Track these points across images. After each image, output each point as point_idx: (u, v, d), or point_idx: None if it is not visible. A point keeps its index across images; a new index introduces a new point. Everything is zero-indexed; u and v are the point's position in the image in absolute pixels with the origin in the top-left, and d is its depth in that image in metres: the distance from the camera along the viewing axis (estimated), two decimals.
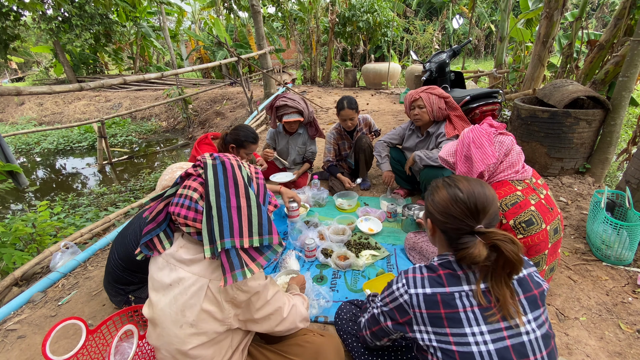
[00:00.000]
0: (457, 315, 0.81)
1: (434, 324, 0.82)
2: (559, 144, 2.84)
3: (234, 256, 0.87)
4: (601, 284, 1.78)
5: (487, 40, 18.85)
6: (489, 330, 0.79)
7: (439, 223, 0.91)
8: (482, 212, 0.85)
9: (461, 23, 5.26)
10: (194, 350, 0.91)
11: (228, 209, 0.88)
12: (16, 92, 2.47)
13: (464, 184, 0.89)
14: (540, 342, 0.80)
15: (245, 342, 1.10)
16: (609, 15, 12.37)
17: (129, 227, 1.51)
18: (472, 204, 0.85)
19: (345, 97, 2.73)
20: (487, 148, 1.40)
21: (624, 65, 2.66)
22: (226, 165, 0.92)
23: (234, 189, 0.90)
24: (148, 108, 8.59)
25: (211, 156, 0.96)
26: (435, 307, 0.82)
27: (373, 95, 8.21)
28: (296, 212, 2.32)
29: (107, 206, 4.21)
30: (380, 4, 9.59)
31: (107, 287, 1.59)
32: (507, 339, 0.79)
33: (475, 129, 1.47)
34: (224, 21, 12.24)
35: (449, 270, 0.86)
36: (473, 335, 0.79)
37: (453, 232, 0.87)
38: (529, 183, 1.41)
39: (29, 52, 15.70)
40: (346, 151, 3.06)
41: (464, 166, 1.47)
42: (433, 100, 2.36)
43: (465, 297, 0.82)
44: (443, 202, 0.89)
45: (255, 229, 0.90)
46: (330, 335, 1.20)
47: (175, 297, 0.90)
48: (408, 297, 0.86)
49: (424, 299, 0.84)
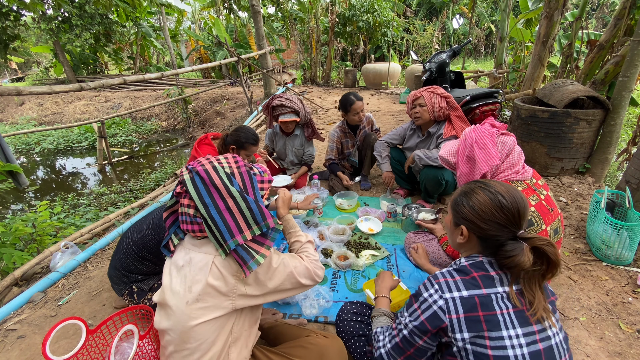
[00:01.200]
0: (496, 317, 0.79)
1: (471, 329, 0.79)
2: (559, 144, 2.84)
3: (242, 251, 0.97)
4: (601, 284, 1.78)
5: (487, 40, 18.85)
6: (524, 333, 0.78)
7: (478, 230, 0.87)
8: (523, 217, 0.84)
9: (461, 23, 5.27)
10: (198, 328, 0.95)
11: (219, 214, 0.96)
12: (16, 92, 2.47)
13: (503, 190, 0.87)
14: (564, 344, 0.81)
15: (253, 340, 1.10)
16: (609, 15, 12.37)
17: (149, 215, 1.58)
18: (515, 210, 0.83)
19: (349, 93, 2.78)
20: (491, 149, 1.38)
21: (624, 65, 2.66)
22: (202, 175, 0.98)
23: (217, 194, 0.97)
24: (148, 108, 8.59)
25: (187, 169, 1.03)
26: (474, 310, 0.80)
27: (373, 95, 8.21)
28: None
29: (107, 206, 4.21)
30: (380, 4, 9.59)
31: (112, 275, 1.60)
32: (539, 343, 0.78)
33: (478, 129, 1.45)
34: (224, 21, 12.24)
35: (483, 272, 0.84)
36: (510, 339, 0.77)
37: (493, 238, 0.85)
38: (529, 184, 1.41)
39: (29, 52, 15.71)
40: (349, 150, 3.06)
41: (466, 167, 1.45)
42: (434, 99, 2.37)
43: (501, 299, 0.80)
44: (486, 209, 0.85)
45: (250, 221, 0.99)
46: (334, 337, 1.19)
47: (185, 275, 0.98)
48: (443, 302, 0.82)
49: (462, 302, 0.80)
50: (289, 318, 1.59)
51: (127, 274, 1.55)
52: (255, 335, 1.13)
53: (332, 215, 2.50)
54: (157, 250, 1.51)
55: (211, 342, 0.97)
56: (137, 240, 1.52)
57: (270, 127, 2.98)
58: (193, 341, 0.96)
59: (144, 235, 1.50)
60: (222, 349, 0.99)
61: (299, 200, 2.64)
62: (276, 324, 1.37)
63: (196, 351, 0.96)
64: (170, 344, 0.99)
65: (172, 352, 0.99)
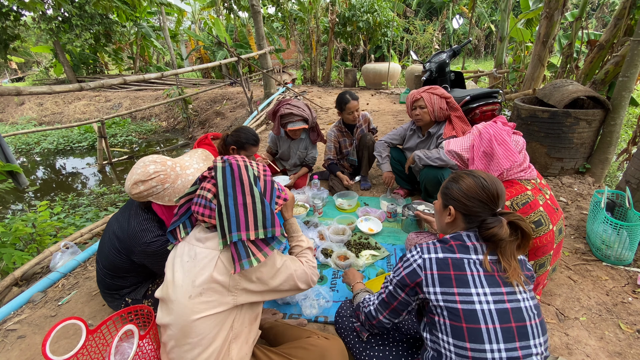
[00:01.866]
0: (465, 277, 0.90)
1: (442, 284, 0.91)
2: (559, 144, 2.84)
3: (241, 247, 0.98)
4: (601, 284, 1.78)
5: (487, 40, 18.85)
6: (492, 292, 0.88)
7: (463, 207, 1.01)
8: (500, 198, 0.99)
9: (461, 23, 5.27)
10: (199, 322, 0.95)
11: (235, 206, 0.99)
12: (16, 92, 2.47)
13: (485, 175, 1.02)
14: (534, 310, 0.90)
15: (254, 337, 1.11)
16: (609, 15, 12.37)
17: (105, 237, 1.50)
18: (495, 190, 0.98)
19: (345, 92, 2.77)
20: (510, 144, 1.37)
21: (624, 65, 2.66)
22: (233, 167, 1.04)
23: (240, 188, 1.01)
24: (148, 108, 8.58)
25: (222, 159, 1.07)
26: (446, 269, 0.92)
27: (373, 95, 8.21)
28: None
29: (107, 206, 4.21)
30: (380, 4, 9.58)
31: (103, 296, 1.60)
32: (507, 302, 0.88)
33: (493, 125, 1.44)
34: (224, 21, 12.24)
35: (460, 242, 0.97)
36: (477, 295, 0.88)
37: (475, 215, 0.99)
38: (535, 183, 1.41)
39: (29, 52, 15.71)
40: (347, 149, 3.06)
41: (482, 162, 1.43)
42: (434, 100, 2.36)
43: (473, 264, 0.92)
44: (471, 189, 1.00)
45: (260, 223, 1.01)
46: (335, 338, 1.19)
47: (189, 270, 1.00)
48: (422, 261, 0.96)
49: (437, 262, 0.94)
50: (289, 318, 1.59)
51: (114, 292, 1.53)
52: (255, 332, 1.13)
53: (332, 215, 2.50)
54: (132, 267, 1.46)
55: (212, 338, 0.97)
56: (107, 264, 1.47)
57: (277, 133, 2.95)
58: (194, 336, 0.96)
59: (112, 260, 1.44)
60: (223, 345, 1.00)
61: (299, 200, 2.65)
62: (276, 324, 1.37)
63: (197, 346, 0.96)
64: (171, 339, 1.00)
65: (173, 347, 0.99)
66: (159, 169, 1.33)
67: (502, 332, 0.84)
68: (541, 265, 1.44)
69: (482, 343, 0.84)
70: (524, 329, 0.86)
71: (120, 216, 1.48)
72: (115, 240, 1.42)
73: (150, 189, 1.32)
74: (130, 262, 1.44)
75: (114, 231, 1.44)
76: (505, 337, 0.84)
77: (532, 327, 0.87)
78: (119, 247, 1.41)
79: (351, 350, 1.24)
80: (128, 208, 1.48)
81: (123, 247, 1.40)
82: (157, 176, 1.33)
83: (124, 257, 1.43)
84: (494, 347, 0.83)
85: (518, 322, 0.86)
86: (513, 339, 0.84)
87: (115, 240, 1.42)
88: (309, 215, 2.52)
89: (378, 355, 1.15)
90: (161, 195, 1.35)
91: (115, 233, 1.43)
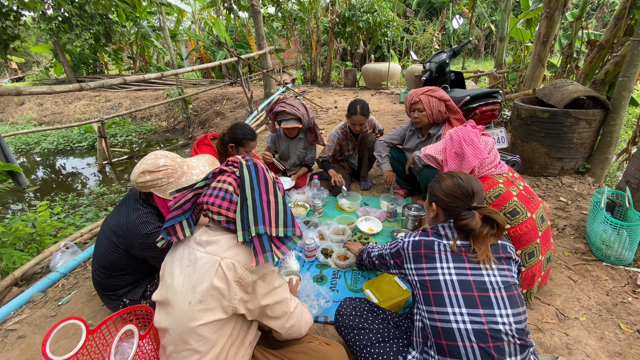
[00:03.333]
0: (433, 255, 1.07)
1: (415, 261, 1.11)
2: (559, 144, 2.84)
3: (265, 241, 0.98)
4: (601, 284, 1.78)
5: (487, 40, 18.85)
6: (455, 267, 1.03)
7: (443, 203, 1.16)
8: (475, 194, 1.13)
9: (461, 23, 5.27)
10: (201, 329, 0.94)
11: (260, 202, 1.01)
12: (16, 92, 2.47)
13: (463, 175, 1.18)
14: (501, 285, 1.01)
15: (251, 339, 1.10)
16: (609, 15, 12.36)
17: (101, 235, 1.51)
18: (469, 187, 1.13)
19: (359, 102, 2.70)
20: (478, 144, 1.52)
21: (624, 65, 2.66)
22: (258, 167, 1.07)
23: (264, 187, 1.04)
24: (148, 108, 8.59)
25: (244, 158, 1.09)
26: (418, 248, 1.11)
27: (373, 95, 8.21)
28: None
29: (107, 206, 4.21)
30: (380, 4, 9.59)
31: (101, 298, 1.60)
32: (469, 275, 1.02)
33: (462, 128, 1.60)
34: (224, 21, 12.24)
35: (435, 230, 1.14)
36: (442, 269, 1.04)
37: (453, 210, 1.14)
38: (507, 177, 1.52)
39: (29, 52, 15.71)
40: (349, 152, 3.06)
41: (454, 163, 1.59)
42: (433, 103, 2.34)
43: (442, 246, 1.08)
44: (448, 187, 1.15)
45: (281, 221, 1.03)
46: (337, 345, 1.18)
47: (189, 275, 0.98)
48: (402, 243, 1.18)
49: (412, 243, 1.14)
50: None
51: (110, 293, 1.53)
52: (255, 335, 1.13)
53: (332, 215, 2.50)
54: (129, 263, 1.46)
55: (211, 344, 0.97)
56: (103, 263, 1.47)
57: (273, 131, 2.95)
58: (193, 342, 0.95)
59: (108, 257, 1.44)
60: (222, 351, 0.99)
61: (299, 200, 2.64)
62: None
63: (196, 352, 0.96)
64: (170, 344, 0.99)
65: (171, 352, 0.99)
66: (168, 163, 1.38)
67: (464, 298, 0.98)
68: (531, 255, 1.47)
69: (445, 307, 0.99)
70: (487, 298, 0.98)
71: (115, 214, 1.48)
72: (113, 236, 1.42)
73: (156, 180, 1.36)
74: (128, 257, 1.44)
75: (110, 228, 1.44)
76: (467, 303, 0.98)
77: (497, 299, 0.99)
78: (117, 242, 1.42)
79: (351, 349, 1.24)
80: (124, 204, 1.49)
81: (122, 241, 1.41)
82: (165, 169, 1.37)
83: (122, 253, 1.43)
84: (455, 311, 0.98)
85: (481, 292, 0.99)
86: (475, 305, 0.97)
87: (113, 235, 1.42)
88: (309, 215, 2.52)
89: (378, 352, 1.16)
90: (164, 189, 1.38)
91: (112, 229, 1.43)
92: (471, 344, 0.94)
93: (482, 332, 0.95)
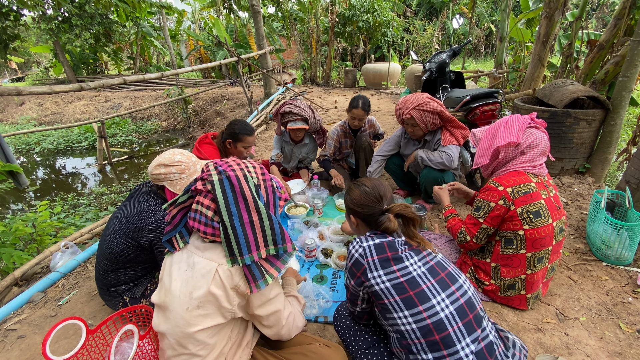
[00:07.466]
0: (399, 255, 1.05)
1: (384, 267, 1.04)
2: (559, 144, 2.83)
3: (254, 269, 0.96)
4: (601, 284, 1.78)
5: (487, 40, 18.85)
6: (419, 259, 1.06)
7: (359, 214, 1.18)
8: (384, 197, 1.15)
9: (461, 23, 5.26)
10: (199, 334, 0.94)
11: (242, 226, 0.94)
12: (16, 92, 2.47)
13: (369, 182, 1.19)
14: (444, 261, 1.10)
15: (248, 339, 1.10)
16: (609, 15, 12.36)
17: (108, 227, 1.54)
18: (376, 192, 1.15)
19: (361, 97, 2.71)
20: (515, 130, 1.48)
21: (624, 65, 2.66)
22: (232, 181, 0.95)
23: (244, 205, 0.95)
24: (148, 108, 8.59)
25: (216, 169, 0.98)
26: (383, 252, 1.06)
27: (373, 95, 8.21)
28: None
29: (107, 206, 4.21)
30: (380, 4, 9.59)
31: (102, 294, 1.60)
32: (430, 262, 1.07)
33: (515, 115, 1.57)
34: (224, 21, 12.24)
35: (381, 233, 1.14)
36: (411, 265, 1.04)
37: (370, 217, 1.15)
38: (542, 180, 1.50)
39: (29, 52, 15.70)
40: (347, 150, 3.06)
41: (487, 140, 1.59)
42: (427, 117, 2.29)
43: (400, 244, 1.08)
44: (357, 197, 1.17)
45: (269, 240, 0.98)
46: (337, 347, 1.18)
47: (187, 280, 0.96)
48: (362, 250, 1.08)
49: (374, 247, 1.07)
50: None
51: (111, 289, 1.54)
52: (253, 335, 1.13)
53: (332, 215, 2.50)
54: (135, 254, 1.47)
55: (210, 348, 0.97)
56: (108, 254, 1.48)
57: (279, 134, 2.95)
58: (191, 347, 0.95)
59: (115, 247, 1.46)
60: (221, 353, 0.99)
61: (299, 201, 2.65)
62: None
63: (195, 356, 0.95)
64: (168, 348, 0.99)
65: (170, 356, 0.99)
66: (183, 160, 1.47)
67: (438, 283, 1.02)
68: (539, 260, 1.46)
69: (429, 300, 0.99)
70: (449, 275, 1.05)
71: (124, 207, 1.52)
72: (122, 226, 1.46)
73: (169, 174, 1.43)
74: (134, 247, 1.46)
75: (119, 218, 1.48)
76: (442, 287, 1.02)
77: (454, 271, 1.08)
78: (125, 230, 1.44)
79: (348, 349, 1.24)
80: (133, 198, 1.53)
81: (131, 229, 1.44)
82: (180, 165, 1.45)
83: (130, 242, 1.45)
84: (438, 299, 0.99)
85: (444, 272, 1.05)
86: (447, 285, 1.03)
87: (122, 225, 1.46)
88: (309, 215, 2.52)
89: (377, 353, 1.15)
90: (175, 183, 1.45)
91: (121, 219, 1.47)
92: (457, 325, 0.97)
93: (461, 308, 0.99)
